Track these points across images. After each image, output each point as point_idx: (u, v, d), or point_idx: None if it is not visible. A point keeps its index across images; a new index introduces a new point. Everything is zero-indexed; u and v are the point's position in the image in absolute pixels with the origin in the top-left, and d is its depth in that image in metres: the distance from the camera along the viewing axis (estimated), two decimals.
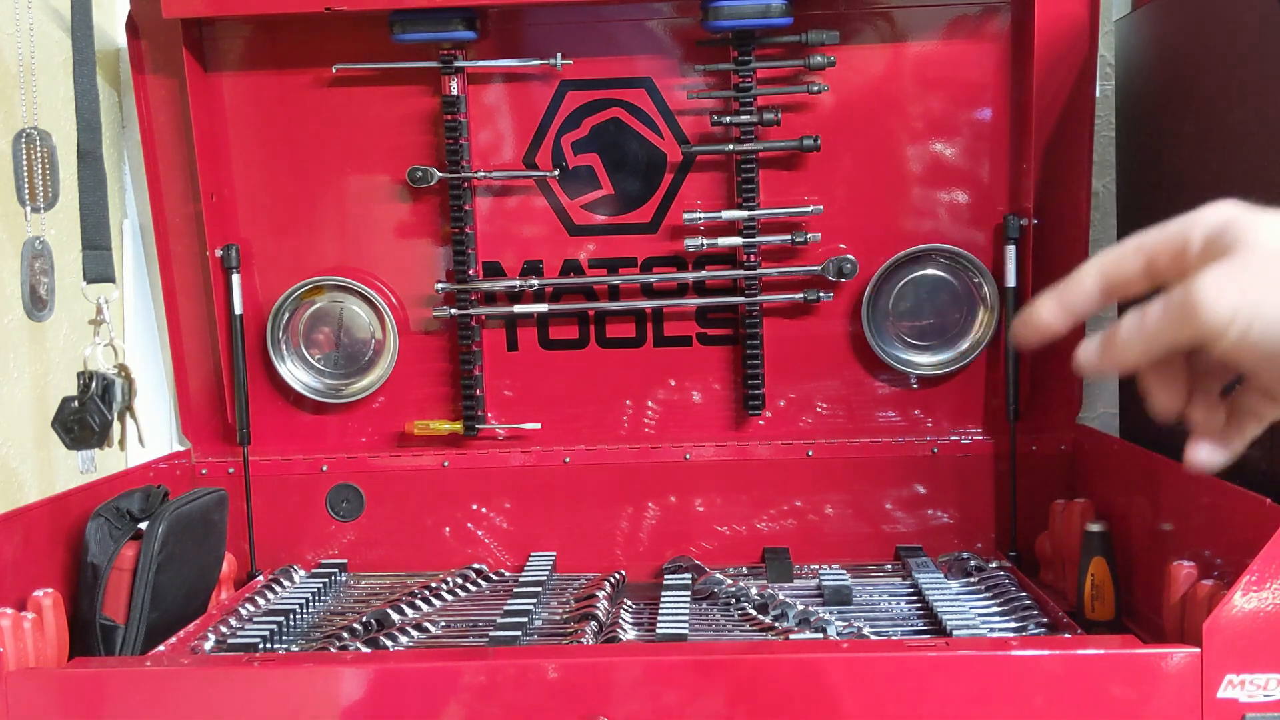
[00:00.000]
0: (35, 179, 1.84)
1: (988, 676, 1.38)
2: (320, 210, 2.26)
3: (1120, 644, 1.41)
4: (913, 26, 2.17)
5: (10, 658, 1.48)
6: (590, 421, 2.28)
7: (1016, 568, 2.09)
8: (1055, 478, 2.19)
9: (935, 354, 2.23)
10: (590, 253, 2.25)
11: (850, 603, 1.92)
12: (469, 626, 1.90)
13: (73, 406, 1.82)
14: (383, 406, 2.29)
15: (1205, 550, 1.61)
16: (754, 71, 2.13)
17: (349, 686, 1.43)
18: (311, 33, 2.18)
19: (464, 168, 2.18)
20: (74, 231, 1.90)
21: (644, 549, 2.26)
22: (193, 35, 2.15)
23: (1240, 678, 1.32)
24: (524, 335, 2.27)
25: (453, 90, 2.16)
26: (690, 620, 1.83)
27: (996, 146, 2.18)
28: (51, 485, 2.04)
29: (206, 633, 1.83)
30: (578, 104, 2.21)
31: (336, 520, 2.28)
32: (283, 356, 2.26)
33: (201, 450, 2.28)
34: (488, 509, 2.28)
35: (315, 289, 2.25)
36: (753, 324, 2.20)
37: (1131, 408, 2.24)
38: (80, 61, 1.86)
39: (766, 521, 2.26)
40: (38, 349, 2.05)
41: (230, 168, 2.23)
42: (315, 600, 2.05)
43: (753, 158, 2.16)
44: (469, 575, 2.15)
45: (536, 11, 2.17)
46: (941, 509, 2.24)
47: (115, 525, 1.79)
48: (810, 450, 2.24)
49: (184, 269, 2.23)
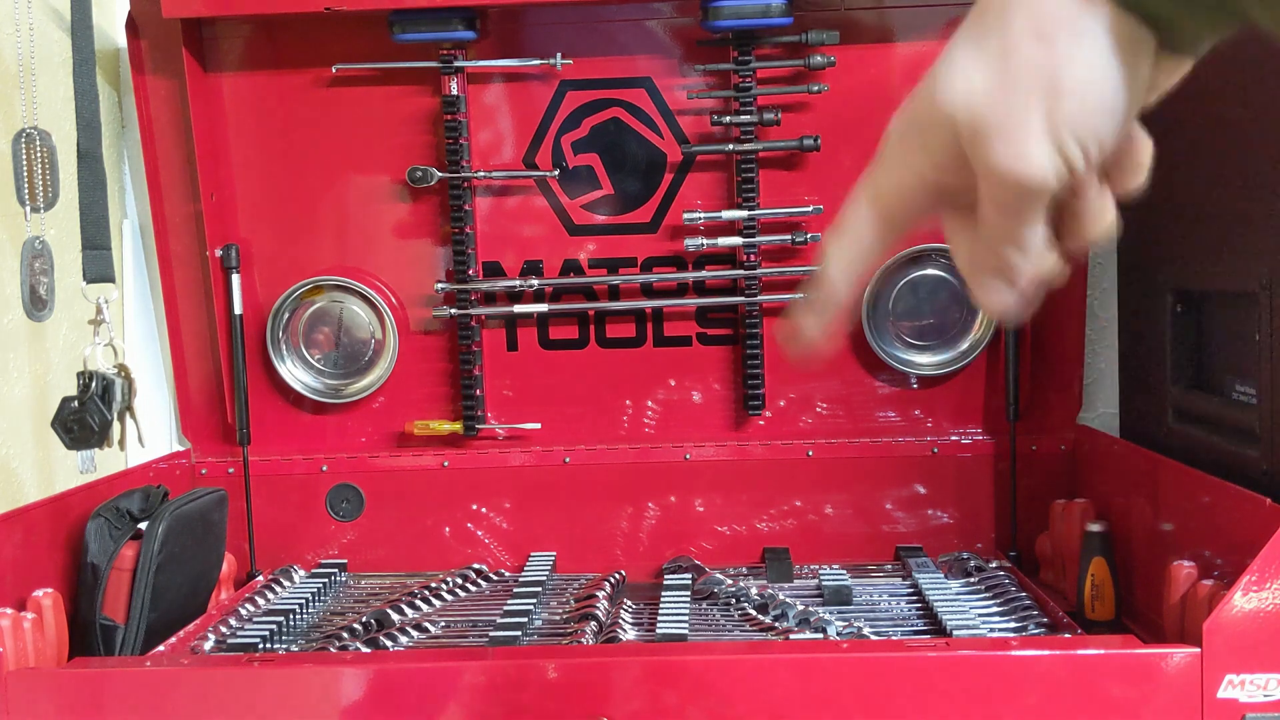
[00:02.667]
0: (35, 179, 1.84)
1: (988, 676, 1.38)
2: (320, 210, 2.25)
3: (1120, 644, 1.41)
4: (913, 26, 2.16)
5: (10, 658, 1.47)
6: (590, 421, 2.28)
7: (1016, 568, 2.09)
8: (1055, 478, 2.19)
9: (935, 354, 2.23)
10: (590, 253, 2.25)
11: (850, 603, 1.92)
12: (469, 626, 1.90)
13: (73, 406, 1.82)
14: (383, 406, 2.29)
15: (1205, 550, 1.61)
16: (754, 71, 2.13)
17: (349, 686, 1.43)
18: (311, 33, 2.18)
19: (464, 168, 2.18)
20: (74, 231, 1.90)
21: (644, 549, 2.26)
22: (193, 35, 2.15)
23: (1240, 678, 1.32)
24: (524, 335, 2.27)
25: (453, 90, 2.16)
26: (690, 620, 1.83)
27: None
28: (51, 485, 2.04)
29: (206, 633, 1.83)
30: (578, 104, 2.21)
31: (336, 520, 2.28)
32: (283, 356, 2.26)
33: (201, 450, 2.28)
34: (488, 509, 2.28)
35: (315, 289, 2.25)
36: (753, 324, 2.20)
37: (1132, 408, 2.24)
38: (80, 61, 1.86)
39: (766, 521, 2.26)
40: (38, 349, 2.05)
41: (230, 168, 2.23)
42: (315, 600, 2.05)
43: (753, 158, 2.16)
44: (469, 575, 2.15)
45: (536, 11, 2.17)
46: (941, 509, 2.24)
47: (115, 525, 1.79)
48: (810, 450, 2.24)
49: (184, 269, 2.23)
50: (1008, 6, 0.62)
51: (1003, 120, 0.61)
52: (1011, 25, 0.61)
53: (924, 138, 0.64)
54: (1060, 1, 0.61)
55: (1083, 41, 0.60)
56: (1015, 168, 0.61)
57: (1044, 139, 0.61)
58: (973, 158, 0.62)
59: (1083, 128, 0.61)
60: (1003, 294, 0.66)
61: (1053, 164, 0.61)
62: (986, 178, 0.62)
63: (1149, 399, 2.08)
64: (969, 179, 0.64)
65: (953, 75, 0.63)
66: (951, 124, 0.63)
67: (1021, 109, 0.61)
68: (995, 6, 0.62)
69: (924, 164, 0.65)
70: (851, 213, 0.68)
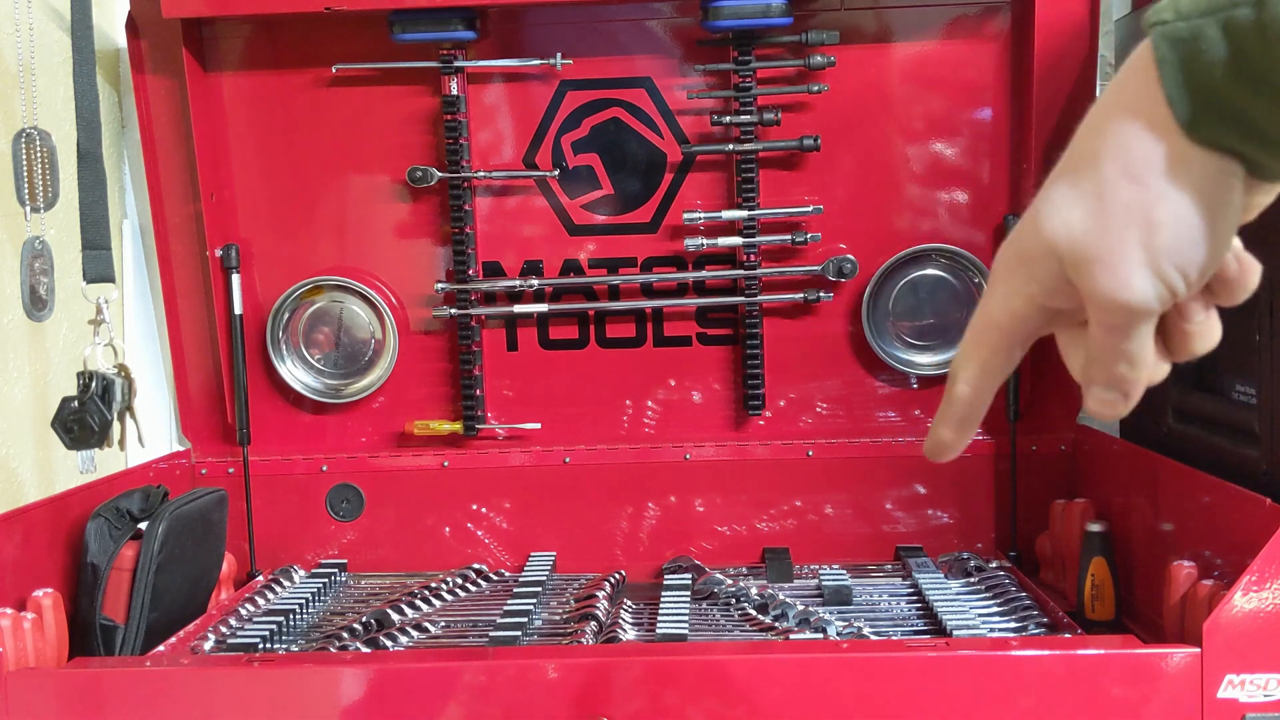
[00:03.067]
0: (35, 179, 1.84)
1: (988, 676, 1.38)
2: (320, 210, 2.25)
3: (1120, 644, 1.41)
4: (913, 26, 2.16)
5: (10, 658, 1.48)
6: (590, 421, 2.28)
7: (1016, 568, 2.09)
8: (1055, 478, 2.19)
9: (935, 354, 2.23)
10: (590, 253, 2.25)
11: (850, 603, 1.92)
12: (469, 626, 1.90)
13: (73, 406, 1.82)
14: (383, 406, 2.29)
15: (1205, 550, 1.61)
16: (754, 71, 2.13)
17: (349, 686, 1.43)
18: (311, 33, 2.18)
19: (464, 168, 2.18)
20: (74, 231, 1.90)
21: (644, 549, 2.26)
22: (193, 35, 2.15)
23: (1240, 678, 1.32)
24: (524, 335, 2.27)
25: (453, 90, 2.16)
26: (690, 620, 1.83)
27: (996, 146, 2.18)
28: (51, 485, 2.04)
29: (206, 633, 1.83)
30: (578, 104, 2.21)
31: (336, 520, 2.28)
32: (283, 356, 2.26)
33: (201, 450, 2.28)
34: (488, 509, 2.28)
35: (315, 289, 2.25)
36: (753, 324, 2.20)
37: None
38: (80, 61, 1.86)
39: (766, 521, 2.26)
40: (38, 349, 2.05)
41: (230, 168, 2.23)
42: (315, 600, 2.05)
43: (753, 158, 2.16)
44: (469, 575, 2.15)
45: (536, 11, 2.17)
46: (941, 509, 2.24)
47: (115, 525, 1.79)
48: (810, 450, 2.24)
49: (184, 269, 2.23)
50: (1099, 150, 0.66)
51: (1103, 253, 0.65)
52: (1103, 168, 0.65)
53: (1031, 269, 0.69)
54: (1147, 145, 0.64)
55: (1171, 179, 0.64)
56: (1119, 295, 0.65)
57: (1144, 268, 0.65)
58: (1078, 285, 0.67)
59: (1180, 256, 0.65)
60: (1115, 403, 0.71)
61: (1154, 290, 0.65)
62: (1092, 303, 0.67)
63: (1149, 399, 2.07)
64: (1077, 300, 0.68)
65: (1053, 213, 0.67)
66: (1056, 256, 0.67)
67: (1120, 242, 0.65)
68: (1087, 150, 0.67)
69: (1034, 290, 0.69)
70: (972, 337, 0.73)
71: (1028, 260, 0.69)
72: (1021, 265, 0.69)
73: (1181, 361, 0.72)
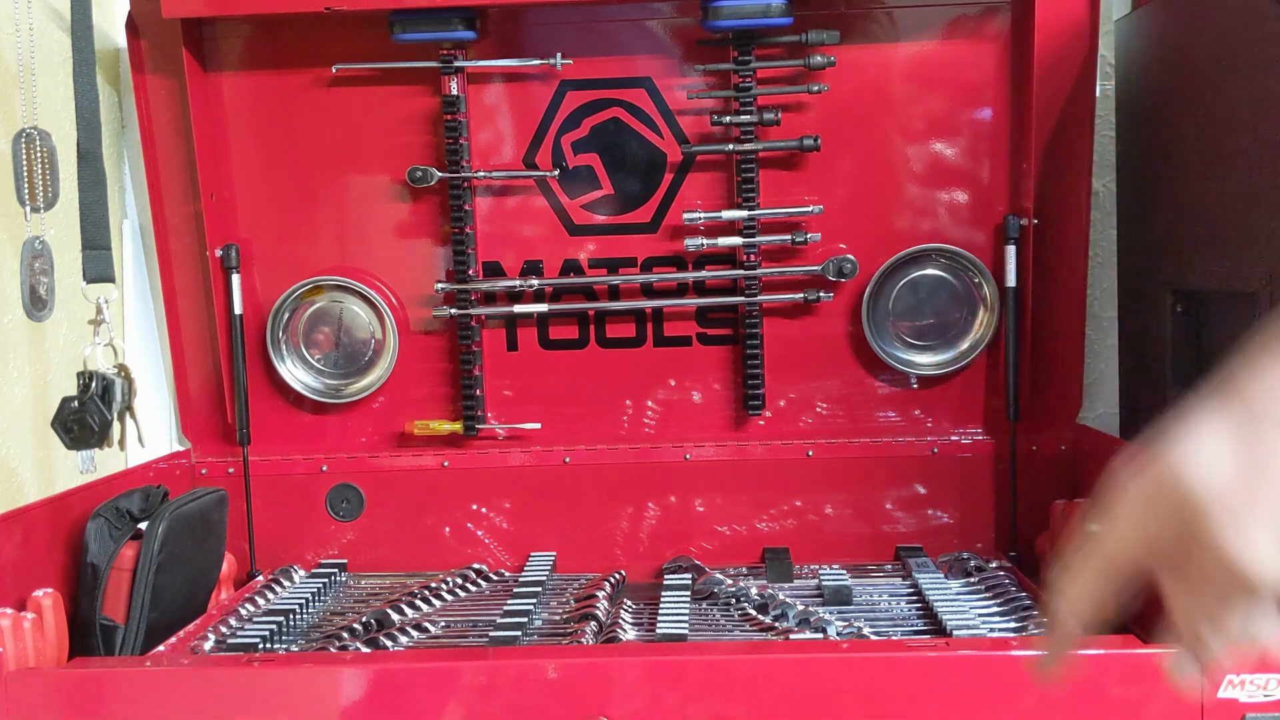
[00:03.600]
0: (35, 179, 1.84)
1: (988, 676, 1.38)
2: (320, 210, 2.26)
3: (1120, 644, 1.41)
4: (913, 26, 2.17)
5: (10, 658, 1.48)
6: (590, 421, 2.28)
7: (1016, 568, 2.09)
8: (1055, 478, 2.19)
9: (935, 354, 2.23)
10: (590, 253, 2.25)
11: (850, 603, 1.92)
12: (469, 626, 1.90)
13: (73, 406, 1.82)
14: (383, 406, 2.29)
15: None
16: (754, 71, 2.13)
17: (349, 686, 1.43)
18: (311, 33, 2.18)
19: (464, 168, 2.18)
20: (74, 231, 1.90)
21: (644, 549, 2.26)
22: (193, 35, 2.15)
23: (1240, 678, 1.32)
24: (524, 335, 2.27)
25: (453, 90, 2.16)
26: (690, 620, 1.83)
27: (996, 146, 2.18)
28: (51, 485, 2.04)
29: (206, 633, 1.83)
30: (578, 104, 2.21)
31: (336, 520, 2.28)
32: (283, 356, 2.26)
33: (201, 450, 2.28)
34: (487, 509, 2.28)
35: (315, 289, 2.25)
36: (753, 324, 2.20)
37: (1132, 408, 2.24)
38: (80, 61, 1.86)
39: (766, 521, 2.26)
40: (38, 349, 2.05)
41: (230, 168, 2.23)
42: (315, 600, 2.05)
43: (753, 158, 2.16)
44: (469, 575, 2.15)
45: (536, 11, 2.17)
46: (941, 509, 2.24)
47: (115, 525, 1.80)
48: (810, 450, 2.24)
49: (184, 269, 2.23)
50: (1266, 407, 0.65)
51: (1238, 509, 0.64)
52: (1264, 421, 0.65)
53: (1156, 506, 0.67)
54: None
55: None
56: (1240, 557, 0.64)
57: (1272, 534, 0.64)
58: (1200, 536, 0.65)
59: None
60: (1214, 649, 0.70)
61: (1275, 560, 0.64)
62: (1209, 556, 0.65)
63: (1149, 399, 2.08)
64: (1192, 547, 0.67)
65: (1199, 455, 0.65)
66: (1186, 499, 0.65)
67: (1259, 504, 0.64)
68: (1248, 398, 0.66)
69: (1151, 528, 0.68)
70: (1080, 563, 0.72)
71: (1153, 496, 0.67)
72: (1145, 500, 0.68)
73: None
